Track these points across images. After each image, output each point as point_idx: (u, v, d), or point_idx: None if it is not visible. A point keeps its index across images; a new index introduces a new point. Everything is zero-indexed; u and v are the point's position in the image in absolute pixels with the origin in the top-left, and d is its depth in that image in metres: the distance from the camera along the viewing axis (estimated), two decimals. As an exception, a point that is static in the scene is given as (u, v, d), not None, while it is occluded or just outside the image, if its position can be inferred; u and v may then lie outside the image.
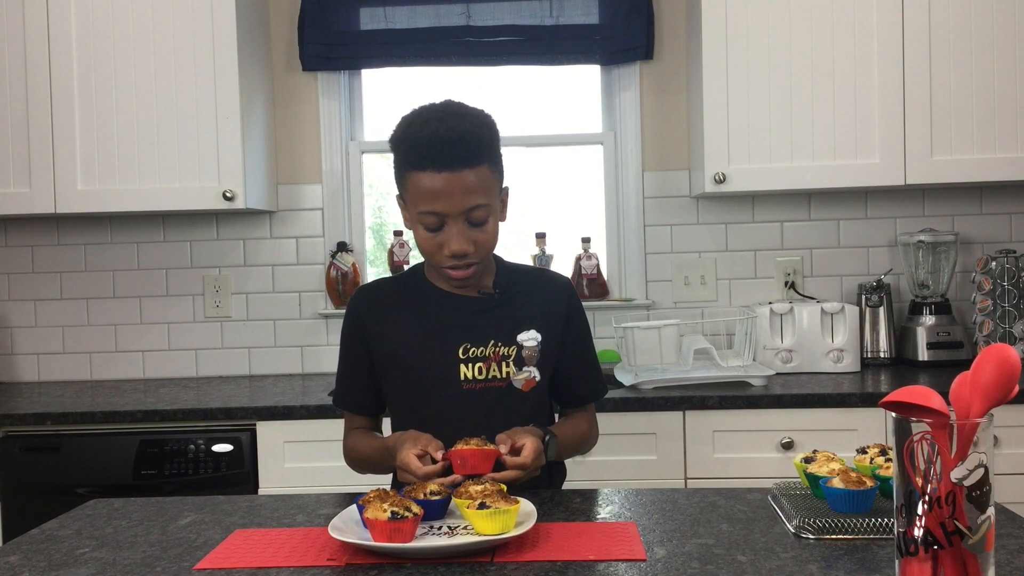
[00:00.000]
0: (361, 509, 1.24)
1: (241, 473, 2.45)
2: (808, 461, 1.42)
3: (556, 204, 3.18)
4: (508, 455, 1.45)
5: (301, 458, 2.47)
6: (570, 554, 1.21)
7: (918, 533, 0.93)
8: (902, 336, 2.92)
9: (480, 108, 1.60)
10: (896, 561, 0.98)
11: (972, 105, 2.67)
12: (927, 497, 0.93)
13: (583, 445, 1.76)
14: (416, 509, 1.23)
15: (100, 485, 2.43)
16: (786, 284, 3.03)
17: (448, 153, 1.50)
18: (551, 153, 3.18)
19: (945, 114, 2.67)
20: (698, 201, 3.06)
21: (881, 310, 2.89)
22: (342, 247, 3.06)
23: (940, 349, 2.83)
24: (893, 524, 1.02)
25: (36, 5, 2.73)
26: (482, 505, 1.23)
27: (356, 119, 3.17)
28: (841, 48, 2.69)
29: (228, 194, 2.73)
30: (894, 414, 0.96)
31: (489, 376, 1.62)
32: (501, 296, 1.67)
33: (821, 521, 1.26)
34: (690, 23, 2.96)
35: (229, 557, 1.24)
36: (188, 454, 2.45)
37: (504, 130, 1.64)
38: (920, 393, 0.94)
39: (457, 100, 1.60)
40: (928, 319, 2.87)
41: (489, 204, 1.55)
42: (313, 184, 3.10)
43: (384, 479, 1.73)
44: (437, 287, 1.68)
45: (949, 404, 0.95)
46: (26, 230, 3.13)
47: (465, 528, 1.28)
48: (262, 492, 2.45)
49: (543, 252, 3.04)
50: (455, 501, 1.29)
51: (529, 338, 1.64)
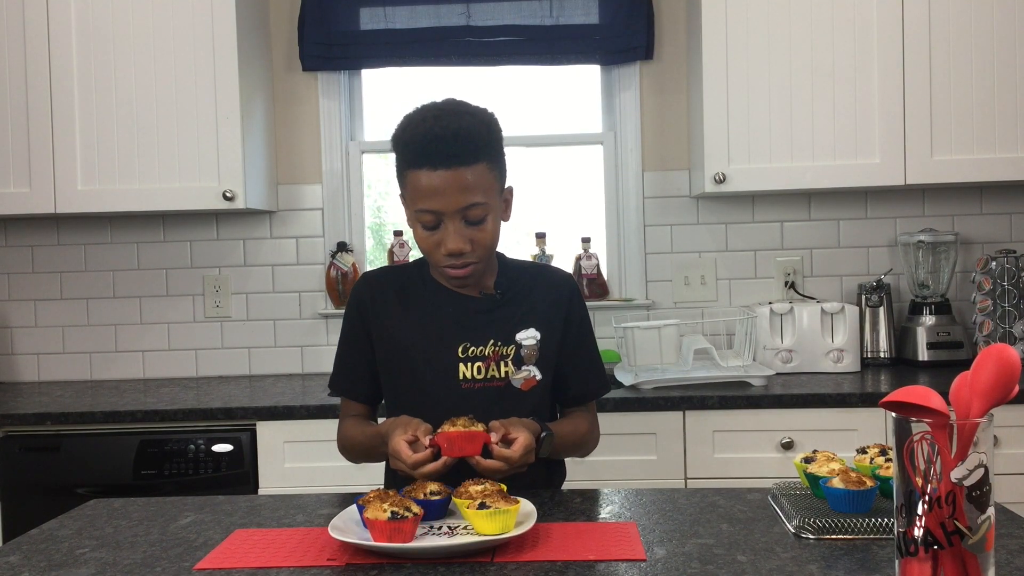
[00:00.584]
0: (361, 509, 1.24)
1: (241, 473, 2.45)
2: (808, 461, 1.42)
3: (556, 204, 3.18)
4: (498, 444, 1.42)
5: (301, 458, 2.47)
6: (570, 554, 1.21)
7: (918, 533, 0.93)
8: (902, 336, 2.92)
9: (482, 107, 1.59)
10: (896, 561, 0.98)
11: (972, 105, 2.67)
12: (927, 497, 0.93)
13: (582, 446, 1.72)
14: (416, 509, 1.23)
15: (100, 485, 2.43)
16: (786, 284, 3.03)
17: (443, 150, 1.48)
18: (551, 153, 3.18)
19: (945, 114, 2.67)
20: (698, 201, 3.06)
21: (881, 310, 2.89)
22: (342, 247, 3.06)
23: (940, 349, 2.83)
24: (893, 524, 1.02)
25: (36, 5, 2.73)
26: (482, 505, 1.23)
27: (356, 119, 3.17)
28: (841, 48, 2.69)
29: (228, 194, 2.73)
30: (894, 414, 0.96)
31: (488, 376, 1.61)
32: (502, 296, 1.66)
33: (821, 521, 1.26)
34: (690, 23, 2.96)
35: (229, 557, 1.24)
36: (188, 454, 2.45)
37: (504, 130, 1.62)
38: (920, 393, 0.94)
39: (460, 99, 1.59)
40: (928, 319, 2.87)
41: (487, 203, 1.53)
42: (313, 184, 3.11)
43: (381, 477, 1.74)
44: (439, 284, 1.67)
45: (949, 404, 0.95)
46: (26, 230, 3.13)
47: (465, 528, 1.28)
48: (262, 492, 2.45)
49: (543, 252, 3.04)
50: (455, 501, 1.29)
51: (528, 337, 1.63)
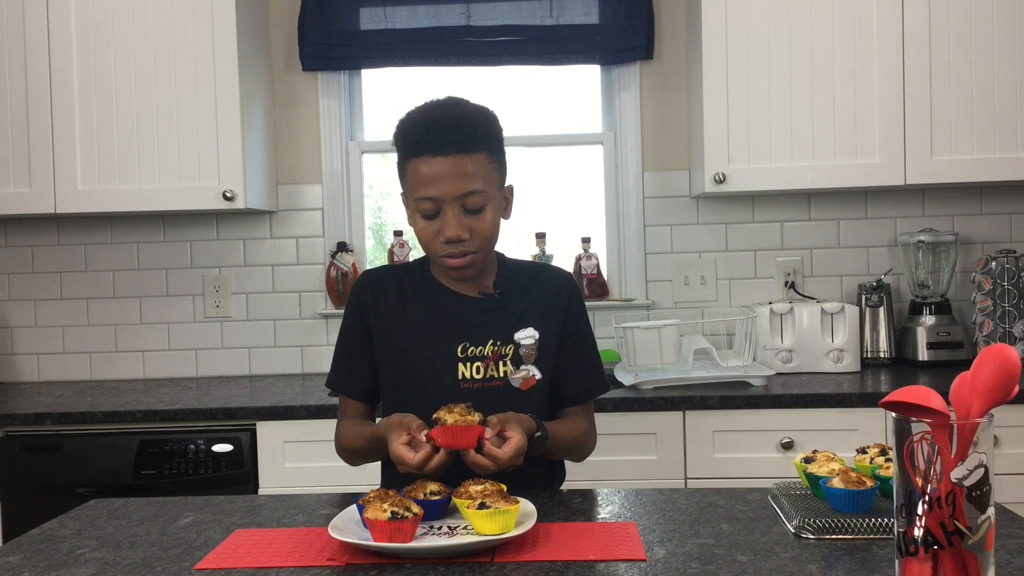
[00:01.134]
0: (361, 509, 1.24)
1: (241, 473, 2.45)
2: (808, 461, 1.42)
3: (556, 204, 3.18)
4: (491, 439, 1.39)
5: (301, 458, 2.47)
6: (570, 554, 1.21)
7: (918, 533, 0.93)
8: (902, 336, 2.92)
9: (483, 104, 1.61)
10: (896, 561, 0.98)
11: (972, 105, 2.67)
12: (927, 497, 0.93)
13: (577, 448, 1.69)
14: (416, 509, 1.23)
15: (100, 485, 2.43)
16: (786, 284, 3.03)
17: (443, 137, 1.50)
18: (551, 153, 3.18)
19: (945, 114, 2.67)
20: (698, 201, 3.06)
21: (881, 310, 2.89)
22: (342, 247, 3.06)
23: (940, 349, 2.83)
24: (893, 524, 1.02)
25: (36, 5, 2.73)
26: (482, 505, 1.23)
27: (356, 119, 3.17)
28: (841, 48, 2.69)
29: (228, 194, 2.73)
30: (894, 414, 0.96)
31: (487, 376, 1.61)
32: (502, 296, 1.66)
33: (821, 521, 1.26)
34: (690, 23, 2.96)
35: (229, 557, 1.24)
36: (188, 454, 2.45)
37: (504, 130, 1.63)
38: (920, 393, 0.94)
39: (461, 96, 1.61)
40: (928, 319, 2.87)
41: (486, 192, 1.54)
42: (313, 184, 3.11)
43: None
44: (440, 283, 1.67)
45: (949, 404, 0.95)
46: (26, 230, 3.13)
47: (465, 528, 1.28)
48: (262, 492, 2.45)
49: (543, 252, 3.03)
50: (455, 501, 1.29)
51: (527, 336, 1.63)
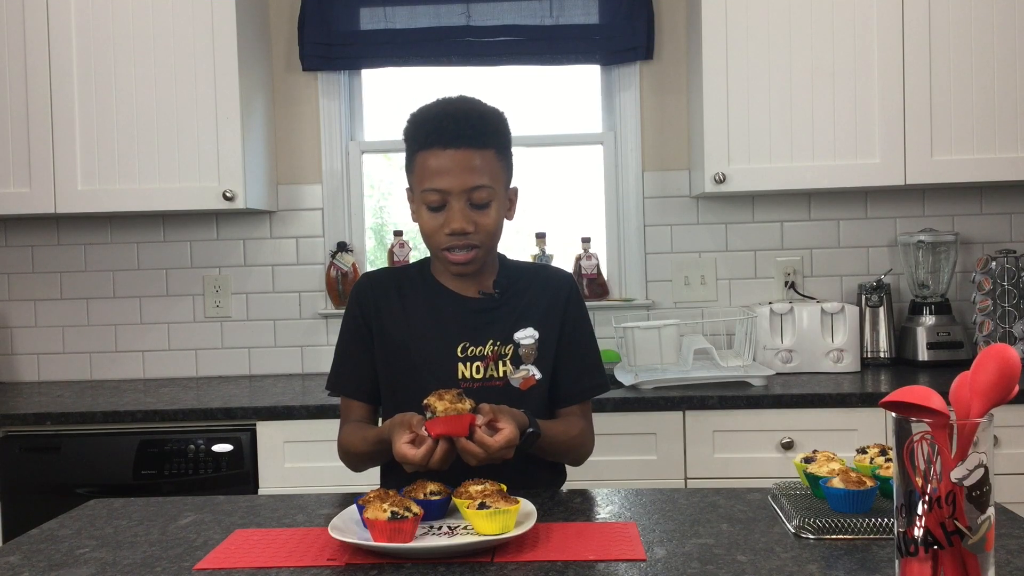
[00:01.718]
0: (361, 509, 1.24)
1: (241, 473, 2.45)
2: (808, 461, 1.42)
3: (556, 204, 3.18)
4: (483, 428, 1.38)
5: (301, 458, 2.47)
6: (570, 554, 1.21)
7: (918, 533, 0.93)
8: (902, 336, 2.92)
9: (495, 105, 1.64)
10: (896, 561, 0.98)
11: (972, 105, 2.67)
12: (927, 497, 0.93)
13: (573, 450, 1.66)
14: (416, 509, 1.23)
15: (100, 485, 2.43)
16: (786, 284, 3.03)
17: (454, 130, 1.53)
18: (551, 153, 3.18)
19: (945, 114, 2.67)
20: (698, 201, 3.06)
21: (881, 310, 2.89)
22: (342, 247, 3.06)
23: (940, 349, 2.83)
24: (893, 524, 1.02)
25: (36, 5, 2.73)
26: (482, 505, 1.23)
27: (356, 119, 3.17)
28: (841, 48, 2.69)
29: (228, 194, 2.73)
30: (894, 414, 0.96)
31: (487, 375, 1.61)
32: (502, 296, 1.66)
33: (821, 521, 1.26)
34: (690, 23, 2.96)
35: (229, 557, 1.24)
36: (188, 454, 2.45)
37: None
38: (920, 393, 0.94)
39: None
40: (928, 319, 2.87)
41: (493, 188, 1.56)
42: (313, 184, 3.10)
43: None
44: (440, 283, 1.67)
45: (949, 404, 0.95)
46: (26, 230, 3.13)
47: (465, 528, 1.28)
48: (262, 492, 2.45)
49: (543, 252, 3.03)
50: (455, 501, 1.29)
51: (526, 336, 1.63)
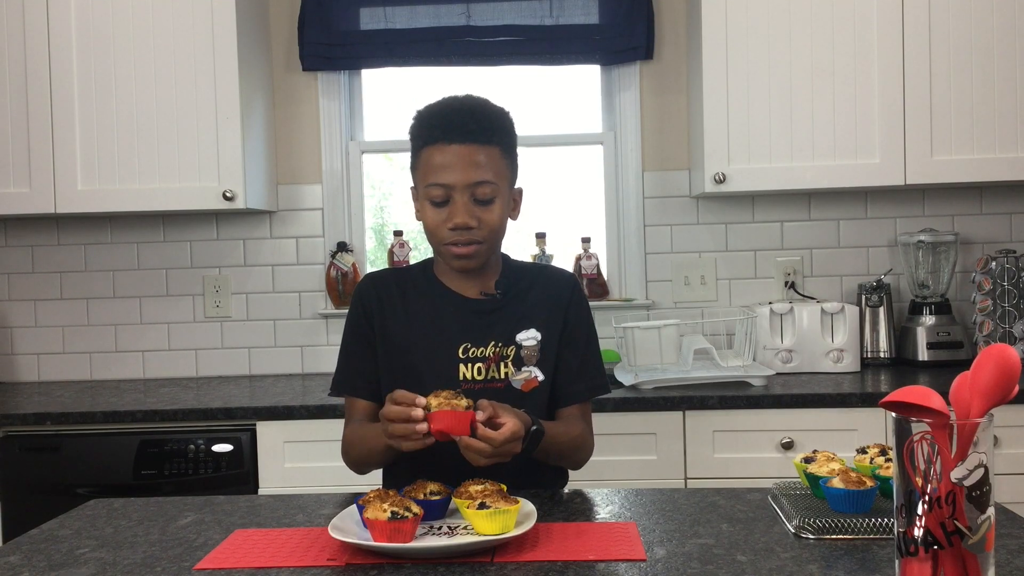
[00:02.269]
0: (361, 509, 1.24)
1: (241, 473, 2.45)
2: (808, 461, 1.42)
3: (556, 204, 3.18)
4: (484, 424, 1.36)
5: (301, 458, 2.47)
6: (570, 554, 1.21)
7: (918, 533, 0.93)
8: (902, 336, 2.92)
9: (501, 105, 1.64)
10: (896, 561, 0.98)
11: (972, 105, 2.67)
12: (927, 497, 0.93)
13: (574, 451, 1.64)
14: (416, 509, 1.23)
15: (100, 485, 2.43)
16: (786, 284, 3.03)
17: (460, 126, 1.54)
18: (551, 153, 3.18)
19: (945, 114, 2.67)
20: (698, 201, 3.06)
21: (881, 310, 2.89)
22: (342, 247, 3.06)
23: (940, 349, 2.83)
24: (893, 524, 1.02)
25: (36, 5, 2.73)
26: (482, 505, 1.23)
27: (356, 119, 3.17)
28: (841, 48, 2.69)
29: (228, 194, 2.73)
30: (894, 414, 0.96)
31: (488, 377, 1.61)
32: (503, 297, 1.66)
33: (821, 521, 1.26)
34: (690, 23, 2.96)
35: (229, 557, 1.24)
36: (188, 454, 2.45)
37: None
38: (920, 393, 0.94)
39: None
40: (928, 319, 2.87)
41: (497, 184, 1.56)
42: (313, 184, 3.10)
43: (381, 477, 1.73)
44: (442, 284, 1.67)
45: (949, 404, 0.95)
46: (26, 230, 3.13)
47: (465, 528, 1.28)
48: (262, 492, 2.45)
49: (543, 252, 3.03)
50: (455, 501, 1.29)
51: (528, 337, 1.63)
